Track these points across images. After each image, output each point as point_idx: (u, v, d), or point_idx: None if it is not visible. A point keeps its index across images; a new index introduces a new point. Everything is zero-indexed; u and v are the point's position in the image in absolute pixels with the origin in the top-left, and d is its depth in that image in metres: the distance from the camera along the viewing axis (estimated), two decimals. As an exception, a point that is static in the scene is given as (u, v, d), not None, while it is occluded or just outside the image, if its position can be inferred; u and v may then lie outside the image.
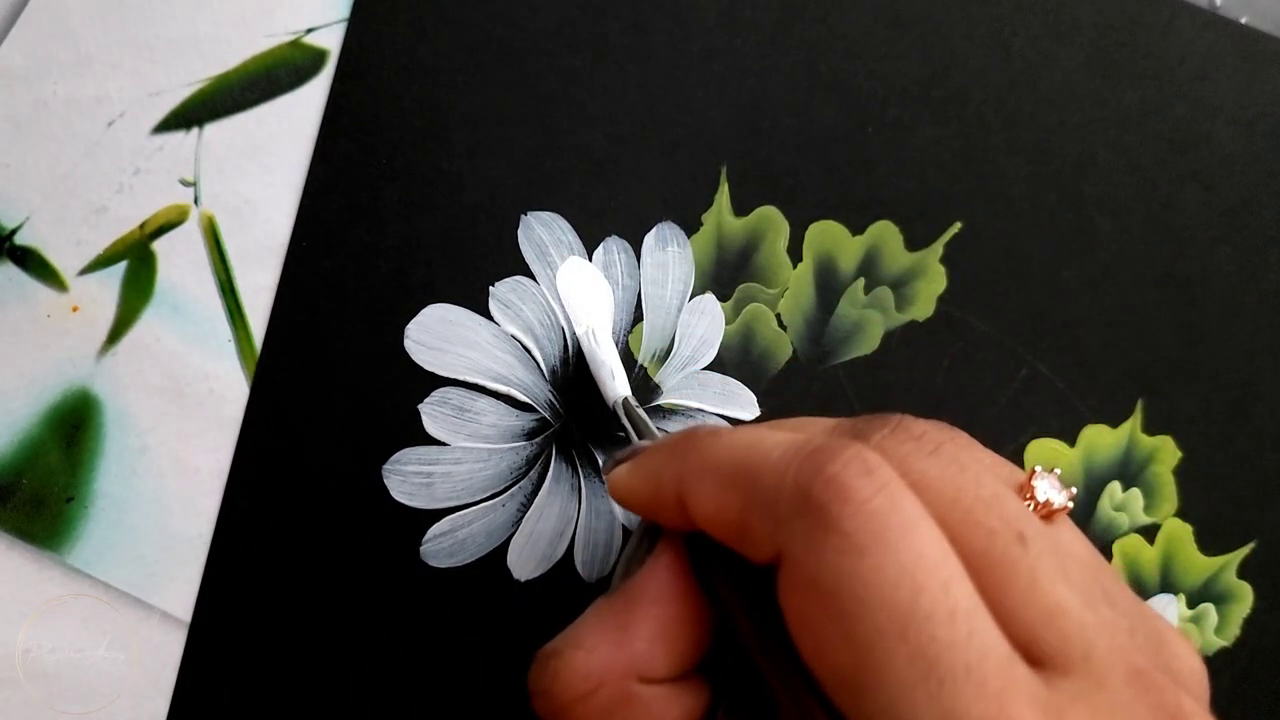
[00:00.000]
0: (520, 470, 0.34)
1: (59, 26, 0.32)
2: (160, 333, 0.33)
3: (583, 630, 0.25)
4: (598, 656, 0.24)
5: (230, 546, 0.33)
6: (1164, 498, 0.38)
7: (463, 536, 0.33)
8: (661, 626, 0.25)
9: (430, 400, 0.33)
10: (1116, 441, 0.37)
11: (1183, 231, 0.37)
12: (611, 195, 0.35)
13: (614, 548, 0.34)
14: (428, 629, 0.33)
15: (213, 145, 0.33)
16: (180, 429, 0.33)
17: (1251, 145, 0.38)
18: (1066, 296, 0.37)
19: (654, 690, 0.24)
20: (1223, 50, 0.38)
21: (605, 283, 0.34)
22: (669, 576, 0.25)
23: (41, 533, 0.32)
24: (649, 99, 0.35)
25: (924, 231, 0.36)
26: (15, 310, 0.32)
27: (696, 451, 0.25)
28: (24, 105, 0.32)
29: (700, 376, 0.35)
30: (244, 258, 0.33)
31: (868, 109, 0.36)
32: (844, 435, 0.23)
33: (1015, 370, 0.37)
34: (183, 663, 0.32)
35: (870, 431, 0.23)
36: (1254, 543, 0.38)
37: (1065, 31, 0.37)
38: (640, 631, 0.25)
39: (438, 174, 0.34)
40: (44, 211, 0.32)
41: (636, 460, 0.27)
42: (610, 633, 0.25)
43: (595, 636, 0.24)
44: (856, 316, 0.36)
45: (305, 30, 0.33)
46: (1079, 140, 0.37)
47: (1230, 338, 0.38)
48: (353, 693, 0.33)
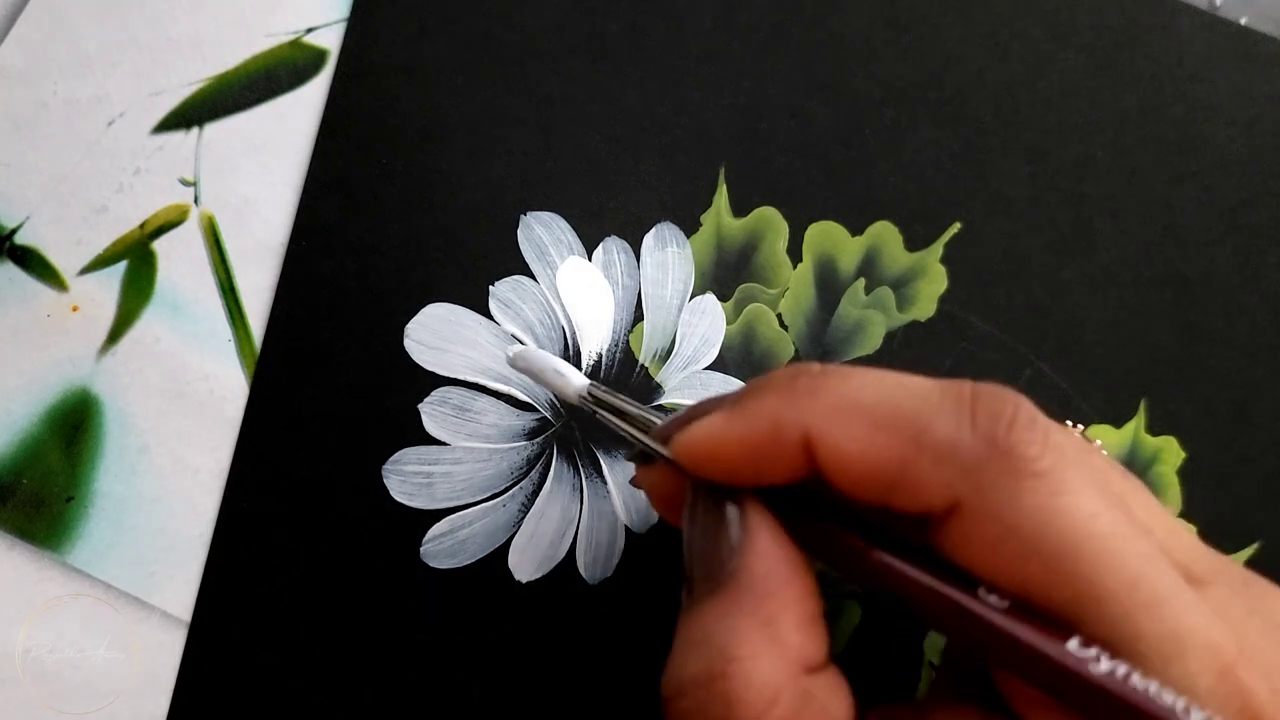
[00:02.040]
0: (521, 470, 0.34)
1: (59, 26, 0.32)
2: (160, 333, 0.33)
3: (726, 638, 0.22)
4: (765, 663, 0.22)
5: (230, 546, 0.33)
6: (1168, 499, 0.37)
7: (463, 537, 0.33)
8: (803, 610, 0.23)
9: (430, 400, 0.33)
10: (1121, 442, 0.37)
11: (1182, 232, 0.37)
12: (610, 196, 0.35)
13: (616, 549, 0.34)
14: (428, 630, 0.33)
15: (213, 145, 0.33)
16: (180, 429, 0.33)
17: (1251, 145, 0.38)
18: (1067, 296, 0.37)
19: (821, 680, 0.22)
20: (1222, 51, 0.38)
21: (605, 282, 0.34)
22: (784, 551, 0.23)
23: (41, 533, 0.32)
24: (648, 100, 0.35)
25: (923, 232, 0.36)
26: (15, 310, 0.32)
27: (828, 390, 0.23)
28: (24, 105, 0.32)
29: (702, 376, 0.35)
30: (244, 257, 0.33)
31: (866, 110, 0.36)
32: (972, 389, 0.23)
33: (1019, 370, 0.36)
34: (182, 662, 0.32)
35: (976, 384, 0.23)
36: (1258, 543, 0.38)
37: (1064, 32, 0.37)
38: (788, 621, 0.22)
39: (438, 174, 0.34)
40: (44, 211, 0.32)
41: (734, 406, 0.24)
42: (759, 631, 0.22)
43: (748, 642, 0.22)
44: (858, 316, 0.36)
45: (305, 30, 0.33)
46: (1078, 141, 0.37)
47: (1232, 338, 0.38)
48: (352, 693, 0.33)
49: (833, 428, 0.22)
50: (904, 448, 0.22)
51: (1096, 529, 0.20)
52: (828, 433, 0.22)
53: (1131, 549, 0.20)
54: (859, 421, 0.22)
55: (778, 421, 0.23)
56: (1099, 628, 0.20)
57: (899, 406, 0.22)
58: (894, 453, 0.22)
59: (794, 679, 0.22)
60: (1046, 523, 0.20)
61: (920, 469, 0.22)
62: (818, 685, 0.22)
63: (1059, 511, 0.20)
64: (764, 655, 0.22)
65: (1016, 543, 0.20)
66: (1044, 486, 0.20)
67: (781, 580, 0.23)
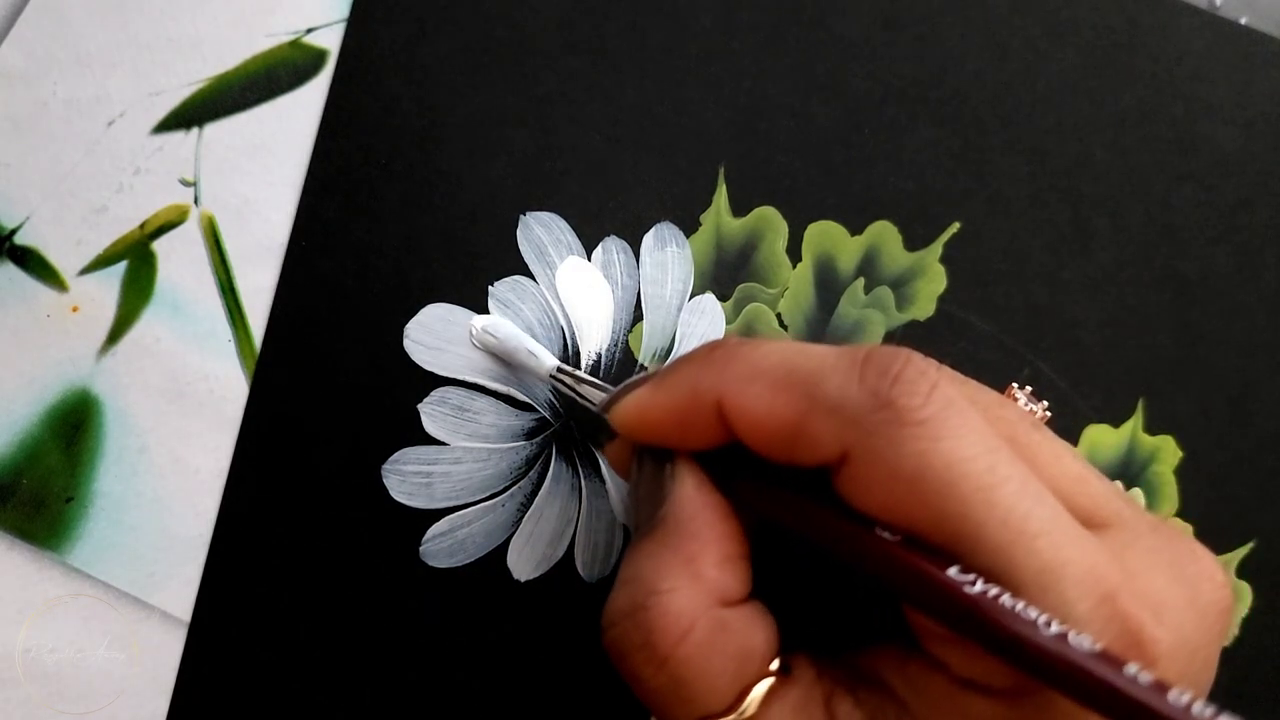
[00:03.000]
0: (520, 470, 0.34)
1: (59, 26, 0.32)
2: (160, 333, 0.33)
3: (650, 574, 0.24)
4: (683, 594, 0.24)
5: (230, 546, 0.33)
6: (1165, 497, 0.38)
7: (462, 537, 0.33)
8: (722, 549, 0.25)
9: (430, 400, 0.33)
10: (1118, 441, 0.37)
11: (1181, 232, 0.37)
12: (610, 195, 0.35)
13: (615, 548, 0.34)
14: (427, 629, 0.33)
15: (213, 145, 0.33)
16: (180, 429, 0.33)
17: (1250, 145, 0.38)
18: (1066, 296, 0.37)
19: (738, 612, 0.24)
20: (1221, 51, 0.38)
21: (604, 282, 0.34)
22: (706, 498, 0.25)
23: (41, 533, 0.32)
24: (647, 100, 0.35)
25: (923, 231, 0.36)
26: (15, 310, 0.32)
27: (738, 360, 0.25)
28: (24, 105, 0.32)
29: (700, 376, 0.35)
30: (244, 257, 0.33)
31: (865, 110, 0.36)
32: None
33: (1017, 370, 0.37)
34: (182, 662, 0.32)
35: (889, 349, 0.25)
36: (1253, 542, 0.38)
37: (1063, 32, 0.37)
38: (707, 558, 0.24)
39: (437, 174, 0.34)
40: (44, 211, 0.32)
41: (659, 378, 0.27)
42: (681, 567, 0.24)
43: (669, 577, 0.24)
44: (857, 316, 0.36)
45: (305, 30, 0.33)
46: (1077, 140, 0.37)
47: (1230, 337, 0.38)
48: (352, 693, 0.33)
49: (739, 392, 0.24)
50: (799, 405, 0.24)
51: (972, 469, 0.22)
52: (735, 397, 0.25)
53: (1007, 487, 0.22)
54: (761, 384, 0.24)
55: (695, 389, 0.25)
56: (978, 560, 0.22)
57: (797, 369, 0.24)
58: (791, 410, 0.24)
59: (710, 610, 0.24)
60: (926, 465, 0.22)
61: (814, 424, 0.23)
62: (734, 617, 0.24)
63: (937, 455, 0.22)
64: (683, 589, 0.24)
65: (900, 485, 0.22)
66: (925, 433, 0.22)
67: (703, 523, 0.25)
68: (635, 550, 0.25)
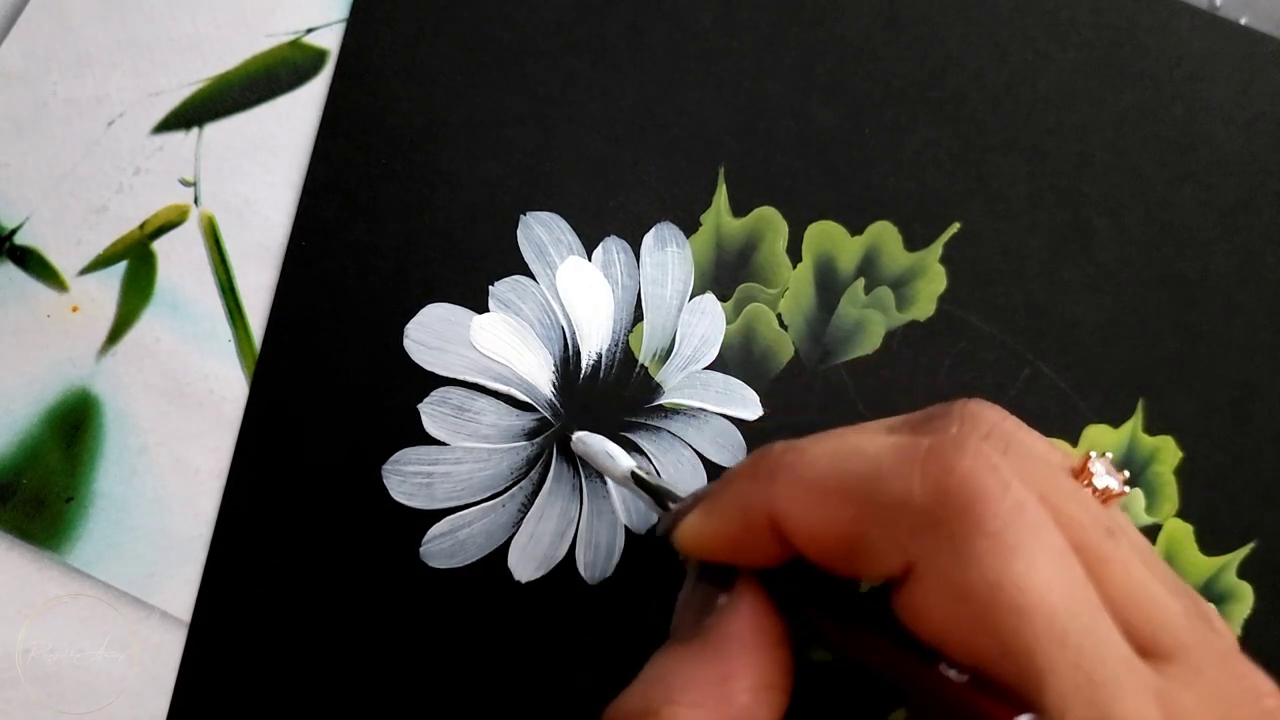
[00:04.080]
0: (521, 470, 0.34)
1: (59, 26, 0.32)
2: (160, 333, 0.33)
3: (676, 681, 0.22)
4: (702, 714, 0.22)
5: (230, 546, 0.33)
6: (1165, 498, 0.38)
7: (463, 537, 0.33)
8: (763, 675, 0.23)
9: (430, 400, 0.33)
10: (1118, 442, 0.37)
11: (1181, 232, 0.37)
12: (610, 195, 0.35)
13: (616, 549, 0.34)
14: (428, 631, 0.33)
15: (213, 145, 0.33)
16: (180, 429, 0.33)
17: (1250, 145, 0.38)
18: (1066, 296, 0.37)
19: None
20: (1221, 51, 0.38)
21: (605, 282, 0.34)
22: (760, 620, 0.23)
23: (41, 533, 0.32)
24: (647, 100, 0.35)
25: (923, 232, 0.36)
26: (15, 310, 0.32)
27: (786, 470, 0.23)
28: (24, 105, 0.32)
29: (702, 376, 0.35)
30: (244, 258, 0.33)
31: (865, 110, 0.36)
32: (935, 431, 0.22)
33: (1018, 370, 0.37)
34: (182, 662, 0.32)
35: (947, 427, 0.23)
36: (1254, 543, 0.38)
37: (1063, 32, 0.37)
38: (742, 683, 0.22)
39: (437, 174, 0.34)
40: (44, 211, 0.32)
41: (711, 498, 0.25)
42: (710, 686, 0.22)
43: (694, 692, 0.22)
44: (857, 316, 0.36)
45: (305, 30, 0.33)
46: (1077, 140, 0.37)
47: (1230, 338, 0.38)
48: (352, 693, 0.33)
49: (792, 507, 0.23)
50: (855, 514, 0.22)
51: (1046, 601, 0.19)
52: (789, 512, 0.23)
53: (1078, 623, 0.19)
54: (814, 495, 0.22)
55: (745, 510, 0.24)
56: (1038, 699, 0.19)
57: (849, 473, 0.22)
58: (847, 522, 0.22)
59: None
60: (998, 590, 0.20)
61: (873, 535, 0.21)
62: None
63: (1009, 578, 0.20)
64: (706, 708, 0.22)
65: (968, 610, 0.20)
66: (997, 548, 0.20)
67: (750, 644, 0.23)
68: (667, 653, 0.24)
